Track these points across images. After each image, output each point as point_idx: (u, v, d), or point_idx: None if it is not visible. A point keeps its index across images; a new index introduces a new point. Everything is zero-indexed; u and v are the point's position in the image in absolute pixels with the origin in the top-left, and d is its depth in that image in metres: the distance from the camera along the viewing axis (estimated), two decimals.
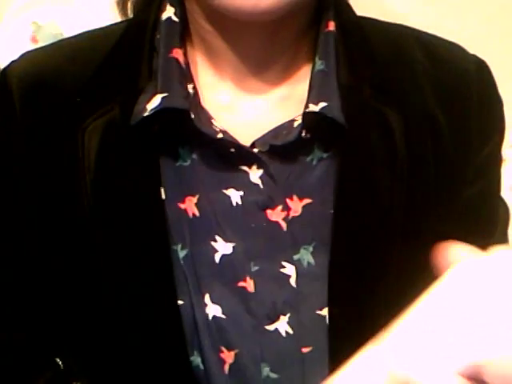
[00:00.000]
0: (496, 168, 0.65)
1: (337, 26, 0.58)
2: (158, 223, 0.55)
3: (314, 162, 0.57)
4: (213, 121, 0.56)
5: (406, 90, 0.59)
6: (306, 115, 0.55)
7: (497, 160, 0.65)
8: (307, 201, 0.57)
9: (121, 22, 0.64)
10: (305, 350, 0.56)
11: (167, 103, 0.53)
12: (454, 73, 0.61)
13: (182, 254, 0.56)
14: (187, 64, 0.57)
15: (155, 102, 0.54)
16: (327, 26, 0.58)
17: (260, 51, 0.57)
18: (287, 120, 0.57)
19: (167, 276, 0.55)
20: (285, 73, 0.59)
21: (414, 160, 0.57)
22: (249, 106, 0.58)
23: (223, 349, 0.56)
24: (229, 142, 0.55)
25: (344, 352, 0.56)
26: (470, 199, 0.61)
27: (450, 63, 0.61)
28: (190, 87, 0.56)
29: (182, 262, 0.56)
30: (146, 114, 0.54)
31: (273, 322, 0.56)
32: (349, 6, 0.62)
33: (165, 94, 0.54)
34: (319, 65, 0.57)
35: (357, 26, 0.60)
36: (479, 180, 0.62)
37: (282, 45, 0.57)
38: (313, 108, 0.55)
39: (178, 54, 0.56)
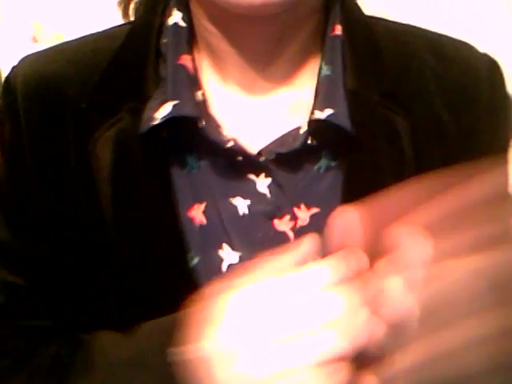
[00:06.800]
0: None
1: (344, 30, 0.57)
2: (175, 232, 0.55)
3: (322, 171, 0.56)
4: (220, 130, 0.55)
5: (413, 94, 0.58)
6: (312, 122, 0.54)
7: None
8: (315, 210, 0.56)
9: (122, 25, 0.63)
10: None
11: (178, 111, 0.53)
12: (462, 72, 0.60)
13: (192, 262, 0.55)
14: (195, 70, 0.56)
15: (166, 109, 0.53)
16: (334, 30, 0.57)
17: (266, 54, 0.56)
18: (294, 127, 0.56)
19: (187, 285, 0.54)
20: (292, 77, 0.58)
21: (421, 166, 0.56)
22: (255, 113, 0.58)
23: None
24: (237, 151, 0.54)
25: None
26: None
27: (459, 63, 0.60)
28: (199, 94, 0.55)
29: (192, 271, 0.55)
30: (156, 122, 0.53)
31: None
32: (357, 6, 0.60)
33: (176, 102, 0.53)
34: (325, 70, 0.56)
35: (364, 28, 0.59)
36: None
37: (289, 48, 0.56)
38: (319, 115, 0.54)
39: (186, 60, 0.55)
